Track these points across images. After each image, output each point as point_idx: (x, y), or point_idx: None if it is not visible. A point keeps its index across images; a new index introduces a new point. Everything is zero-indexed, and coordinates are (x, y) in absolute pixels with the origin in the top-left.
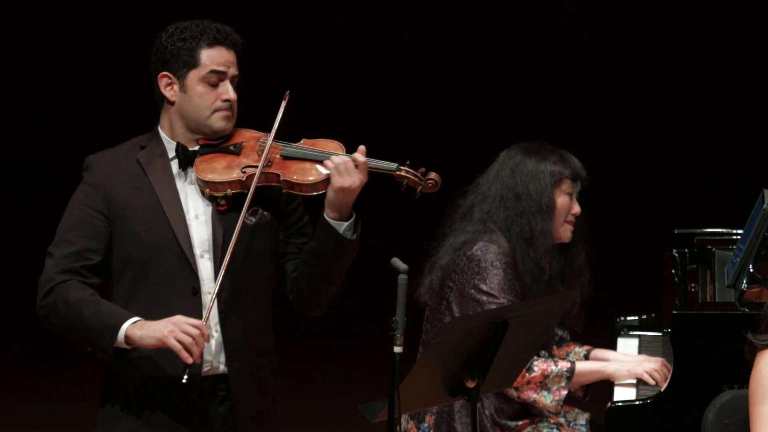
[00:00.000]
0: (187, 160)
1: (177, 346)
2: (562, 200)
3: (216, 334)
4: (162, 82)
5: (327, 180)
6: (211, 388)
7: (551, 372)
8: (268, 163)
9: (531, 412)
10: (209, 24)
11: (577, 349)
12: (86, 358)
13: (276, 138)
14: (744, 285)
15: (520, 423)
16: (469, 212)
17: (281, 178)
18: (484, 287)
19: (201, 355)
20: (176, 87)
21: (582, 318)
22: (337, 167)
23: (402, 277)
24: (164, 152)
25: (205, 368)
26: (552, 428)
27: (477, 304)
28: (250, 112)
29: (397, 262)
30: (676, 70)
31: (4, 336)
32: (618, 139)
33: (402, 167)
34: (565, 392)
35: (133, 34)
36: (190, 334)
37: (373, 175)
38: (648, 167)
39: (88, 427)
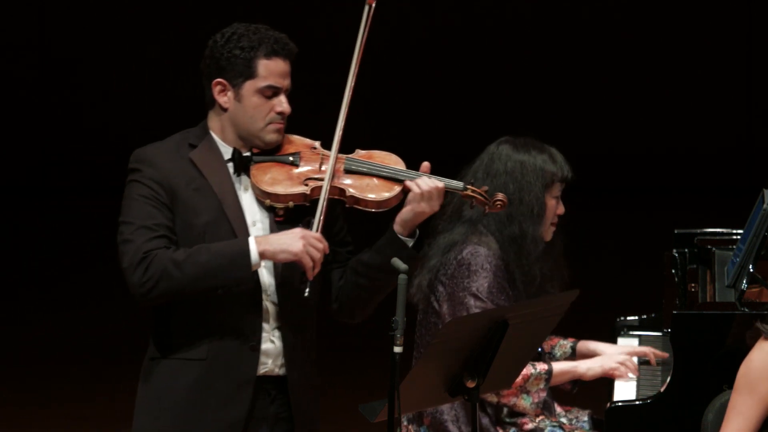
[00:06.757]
0: (242, 165)
1: (310, 264)
2: (551, 204)
3: (277, 341)
4: (216, 89)
5: (395, 198)
6: (265, 389)
7: (531, 375)
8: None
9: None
10: (266, 31)
11: (562, 341)
12: (87, 358)
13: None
14: (744, 285)
15: (521, 420)
16: (458, 211)
17: (347, 193)
18: (473, 290)
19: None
20: (230, 94)
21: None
22: (424, 193)
23: (402, 277)
24: (219, 154)
25: (263, 370)
26: (554, 427)
27: (464, 307)
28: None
29: (397, 262)
30: (676, 70)
31: (4, 336)
32: (618, 139)
33: (468, 186)
34: (544, 394)
35: (134, 33)
36: (318, 249)
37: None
38: (648, 167)
39: (88, 427)
